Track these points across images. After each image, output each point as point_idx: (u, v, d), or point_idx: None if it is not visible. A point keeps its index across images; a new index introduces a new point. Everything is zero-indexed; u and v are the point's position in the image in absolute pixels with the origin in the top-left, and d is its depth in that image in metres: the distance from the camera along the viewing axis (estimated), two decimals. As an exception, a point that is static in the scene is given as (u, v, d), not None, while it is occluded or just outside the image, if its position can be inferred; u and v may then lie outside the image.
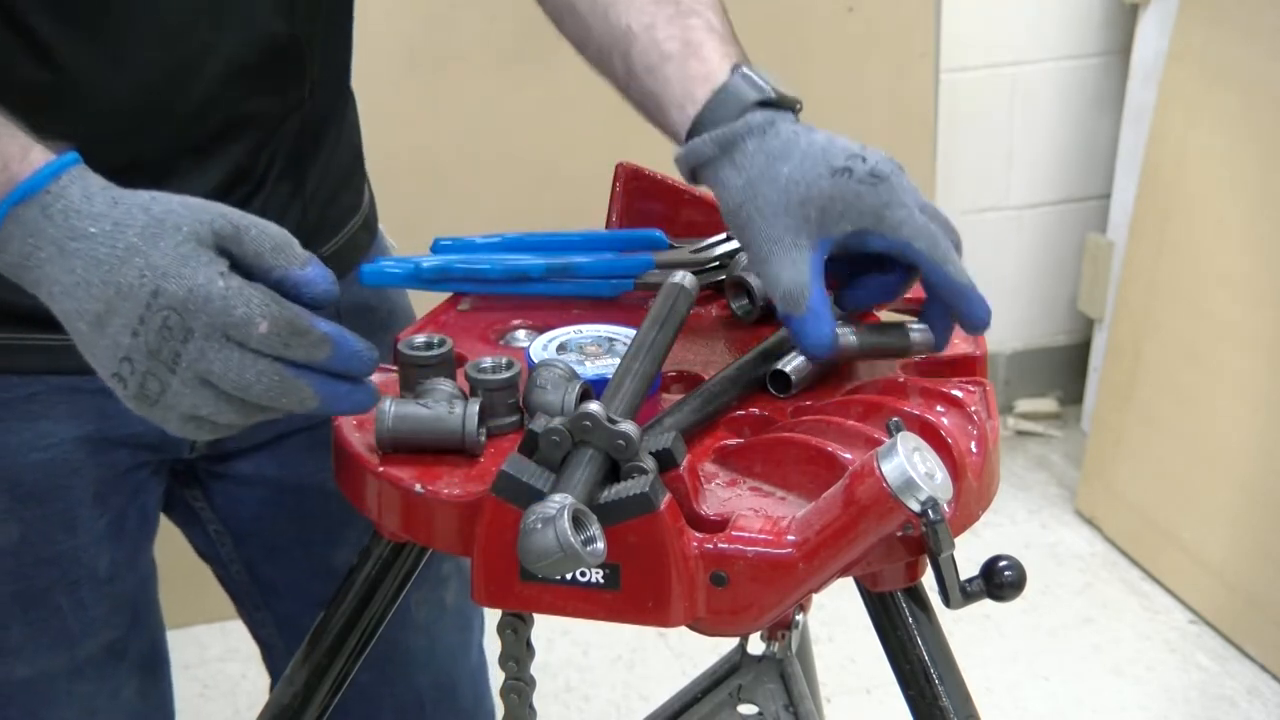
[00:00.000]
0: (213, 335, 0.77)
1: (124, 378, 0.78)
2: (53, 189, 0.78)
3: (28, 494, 1.05)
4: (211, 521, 1.23)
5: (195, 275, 0.77)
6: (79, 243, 0.78)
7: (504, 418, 0.91)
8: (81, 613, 1.10)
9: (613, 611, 0.81)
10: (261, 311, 0.77)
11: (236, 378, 0.78)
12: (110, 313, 0.77)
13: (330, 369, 0.80)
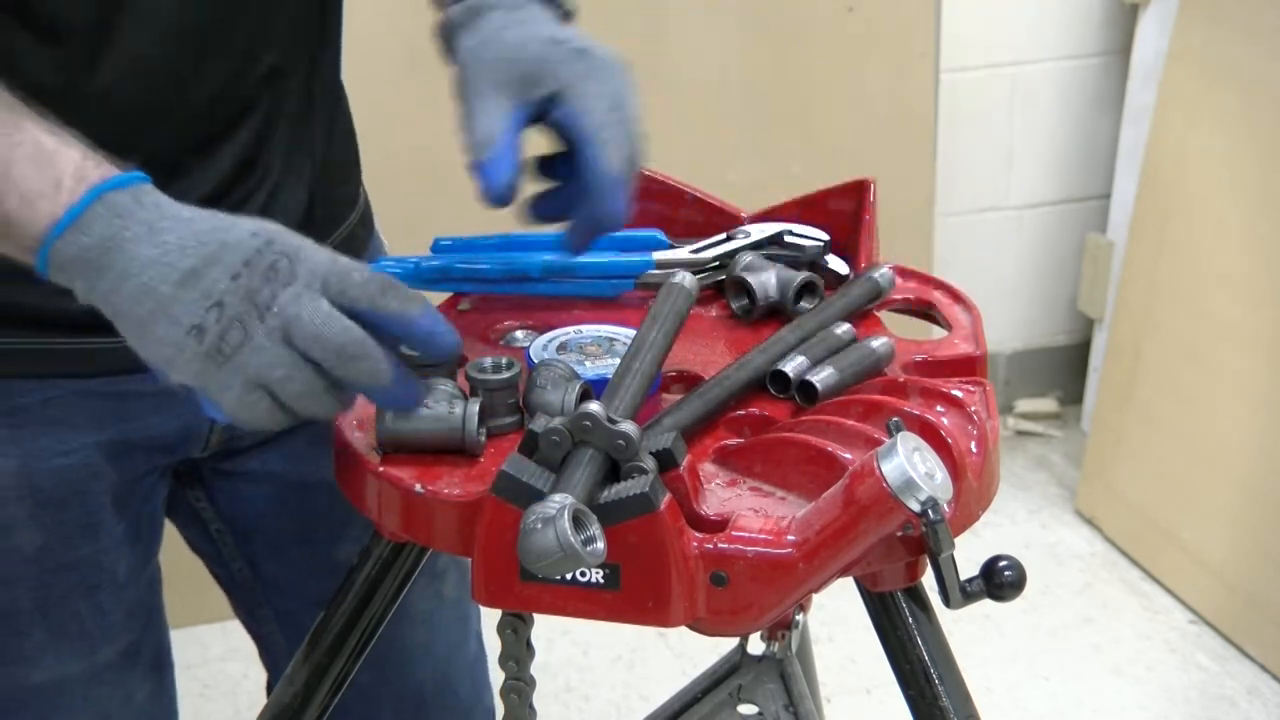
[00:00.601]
0: (313, 283, 0.79)
1: (205, 328, 0.78)
2: (145, 186, 0.82)
3: (48, 500, 1.05)
4: (213, 521, 1.23)
5: (305, 240, 0.82)
6: (173, 222, 0.80)
7: (504, 418, 0.91)
8: (101, 618, 1.10)
9: (613, 611, 0.81)
10: (361, 268, 0.81)
11: (322, 324, 0.79)
12: (209, 263, 0.79)
13: (415, 332, 0.82)
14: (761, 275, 1.06)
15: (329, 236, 1.15)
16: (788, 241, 1.10)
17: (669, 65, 2.46)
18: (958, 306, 1.08)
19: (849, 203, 1.13)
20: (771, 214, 1.15)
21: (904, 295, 1.09)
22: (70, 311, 1.00)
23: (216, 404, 0.81)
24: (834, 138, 2.59)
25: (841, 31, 2.55)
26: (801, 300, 1.05)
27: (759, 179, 2.56)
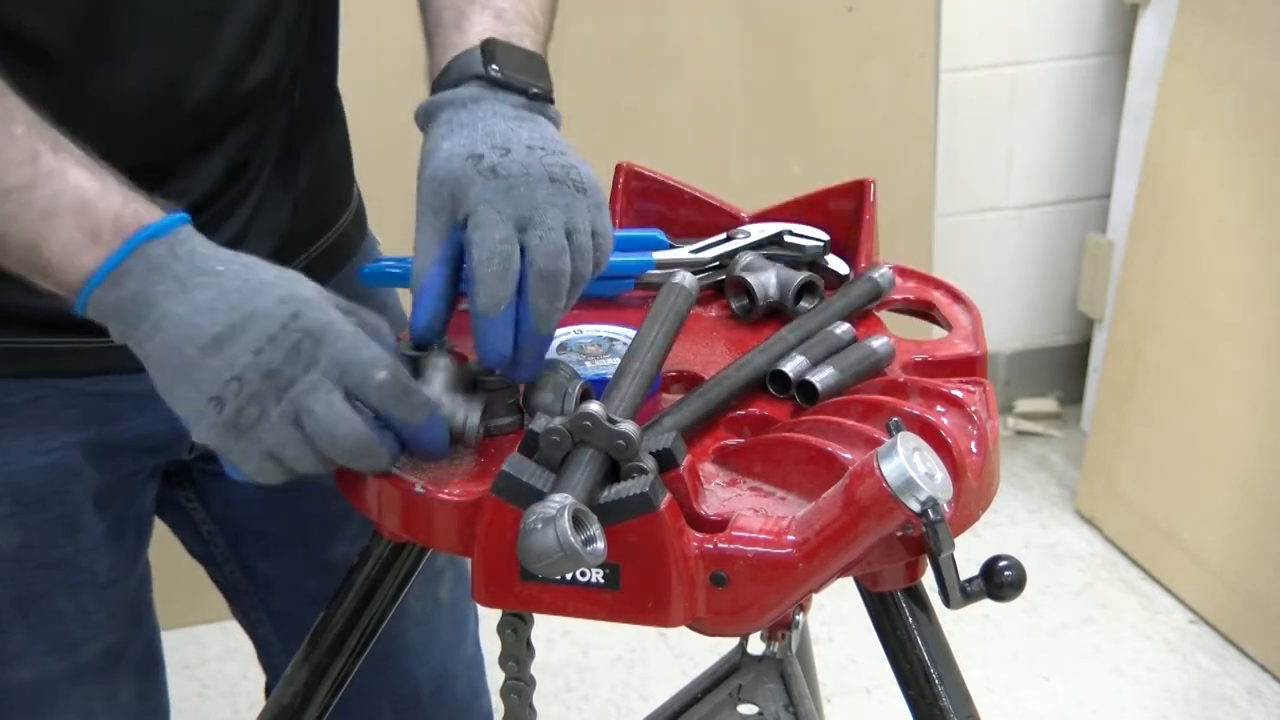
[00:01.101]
0: (331, 372, 0.80)
1: (224, 401, 0.80)
2: (179, 234, 0.82)
3: (30, 499, 1.05)
4: (204, 521, 1.23)
5: (331, 312, 0.81)
6: (205, 278, 0.81)
7: (504, 418, 0.91)
8: (83, 617, 1.10)
9: (613, 611, 0.81)
10: (383, 361, 0.81)
11: (331, 426, 0.80)
12: (234, 333, 0.79)
13: (411, 436, 0.84)
14: (761, 275, 1.06)
15: (319, 238, 1.15)
16: (788, 241, 1.10)
17: (669, 65, 2.46)
18: (958, 306, 1.08)
19: (849, 203, 1.13)
20: (771, 214, 1.15)
21: (904, 295, 1.09)
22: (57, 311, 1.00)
23: (234, 467, 0.83)
24: (834, 138, 2.59)
25: (841, 31, 2.55)
26: (801, 300, 1.05)
27: (759, 179, 2.56)
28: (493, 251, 0.84)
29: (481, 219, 0.85)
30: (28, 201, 0.81)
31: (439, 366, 0.88)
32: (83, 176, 0.82)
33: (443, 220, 0.87)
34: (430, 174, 0.88)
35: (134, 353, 0.83)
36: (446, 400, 0.87)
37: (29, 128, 0.83)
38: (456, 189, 0.87)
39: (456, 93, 0.92)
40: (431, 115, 0.93)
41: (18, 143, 0.82)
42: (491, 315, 0.84)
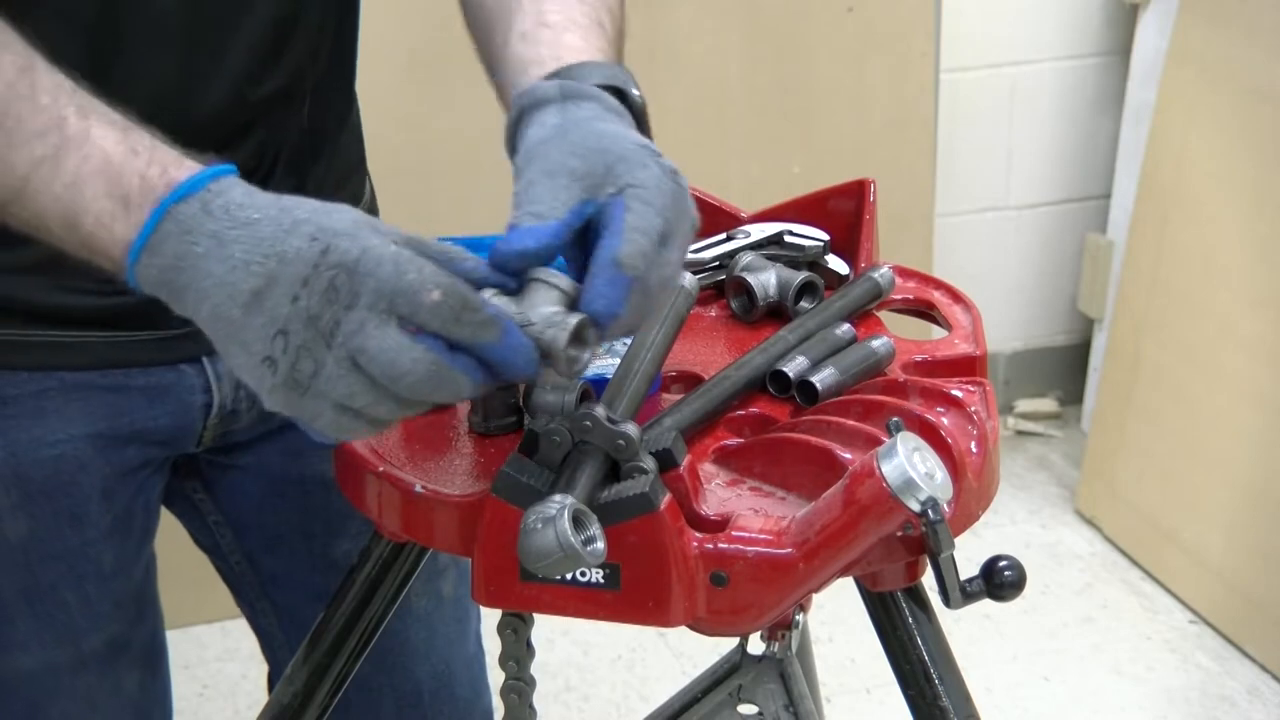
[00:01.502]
0: (378, 305, 0.72)
1: (275, 359, 0.73)
2: (213, 188, 0.76)
3: (36, 490, 1.05)
4: (212, 513, 1.23)
5: (369, 239, 0.73)
6: (241, 230, 0.74)
7: (504, 418, 0.91)
8: (87, 608, 1.10)
9: (613, 611, 0.81)
10: (434, 280, 0.73)
11: (391, 363, 0.73)
12: (270, 284, 0.73)
13: (490, 355, 0.75)
14: (761, 275, 1.06)
15: None
16: (788, 241, 1.10)
17: (669, 65, 2.46)
18: (958, 306, 1.08)
19: (849, 203, 1.13)
20: (771, 214, 1.15)
21: (904, 295, 1.09)
22: (66, 305, 1.00)
23: (313, 430, 0.76)
24: (834, 138, 2.59)
25: (841, 31, 2.55)
26: (801, 300, 1.05)
27: (759, 179, 2.56)
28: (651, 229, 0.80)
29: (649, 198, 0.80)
30: (56, 172, 0.78)
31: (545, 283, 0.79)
32: (109, 137, 0.78)
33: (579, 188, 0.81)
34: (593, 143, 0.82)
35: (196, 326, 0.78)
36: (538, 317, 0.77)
37: (55, 96, 0.79)
38: (620, 166, 0.81)
39: (603, 94, 0.87)
40: (572, 98, 0.86)
41: (43, 112, 0.79)
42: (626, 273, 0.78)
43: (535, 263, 0.78)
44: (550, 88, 0.86)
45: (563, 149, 0.82)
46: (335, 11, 1.09)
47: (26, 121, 0.78)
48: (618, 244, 0.78)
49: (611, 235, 0.79)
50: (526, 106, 0.86)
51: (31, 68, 0.80)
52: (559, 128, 0.83)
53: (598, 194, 0.81)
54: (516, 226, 0.79)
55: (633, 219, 0.79)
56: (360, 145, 1.22)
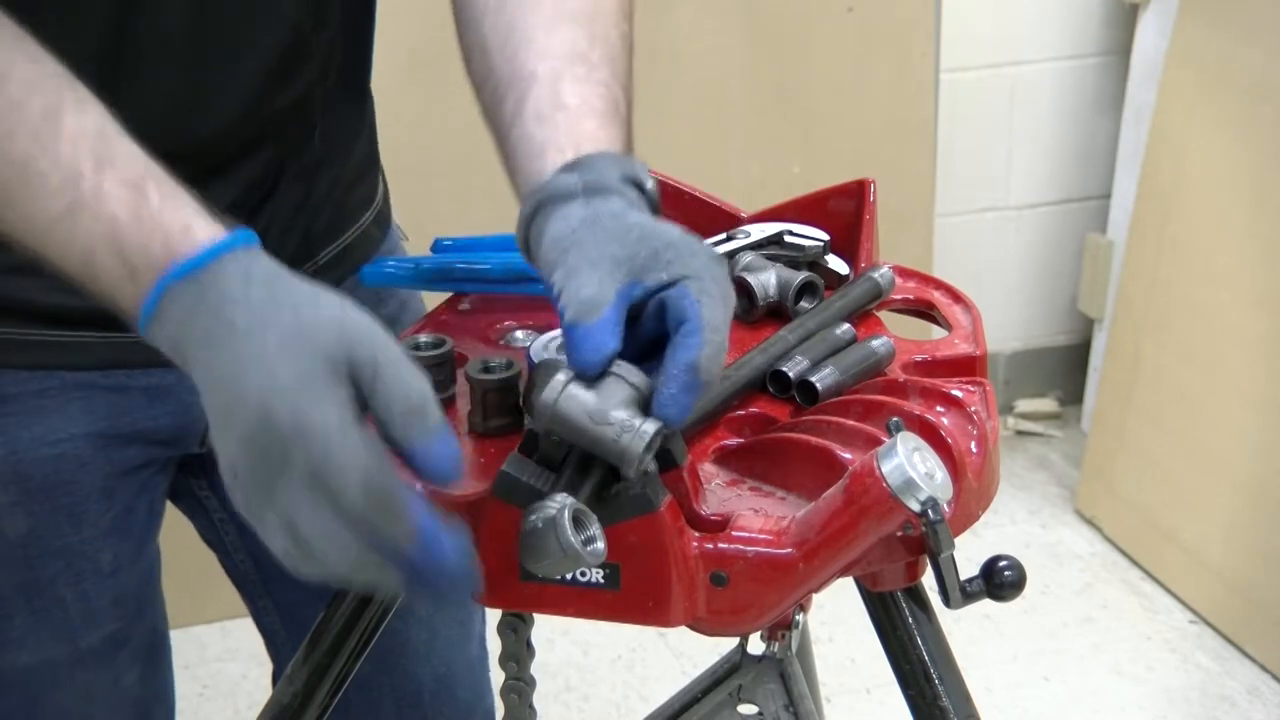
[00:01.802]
0: (305, 480, 0.70)
1: (235, 488, 0.74)
2: (211, 269, 0.75)
3: (36, 488, 1.06)
4: (216, 510, 1.24)
5: (310, 407, 0.70)
6: (224, 332, 0.73)
7: (504, 418, 0.91)
8: (84, 605, 1.11)
9: (613, 611, 0.81)
10: (359, 473, 0.70)
11: (316, 545, 0.71)
12: (229, 416, 0.73)
13: (404, 564, 0.72)
14: (761, 275, 1.06)
15: (338, 238, 1.15)
16: (788, 241, 1.10)
17: (669, 65, 2.46)
18: (958, 306, 1.08)
19: (849, 203, 1.13)
20: (771, 214, 1.15)
21: (904, 295, 1.09)
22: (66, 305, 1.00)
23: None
24: (834, 138, 2.59)
25: (841, 31, 2.55)
26: (801, 300, 1.05)
27: (759, 179, 2.56)
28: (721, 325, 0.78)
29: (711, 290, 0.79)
30: (72, 234, 0.78)
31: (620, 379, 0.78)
32: (120, 200, 0.77)
33: (625, 273, 0.79)
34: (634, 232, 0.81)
35: None
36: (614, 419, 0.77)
37: (76, 144, 0.78)
38: (668, 253, 0.80)
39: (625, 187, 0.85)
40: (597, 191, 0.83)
41: (62, 167, 0.78)
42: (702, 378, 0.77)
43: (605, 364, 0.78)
44: (571, 181, 0.84)
45: (598, 238, 0.80)
46: (348, 23, 1.09)
47: (47, 176, 0.78)
48: (698, 345, 0.77)
49: (689, 334, 0.77)
50: (545, 200, 0.84)
51: (58, 111, 0.79)
52: (588, 220, 0.82)
53: (645, 277, 0.79)
54: (575, 325, 0.78)
55: (707, 315, 0.78)
56: (374, 145, 1.21)
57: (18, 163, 0.78)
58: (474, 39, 0.98)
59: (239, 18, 0.98)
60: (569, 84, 0.91)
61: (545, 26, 0.94)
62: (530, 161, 0.89)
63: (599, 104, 0.91)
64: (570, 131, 0.88)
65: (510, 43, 0.94)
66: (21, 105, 0.79)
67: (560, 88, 0.91)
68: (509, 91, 0.93)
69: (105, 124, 0.80)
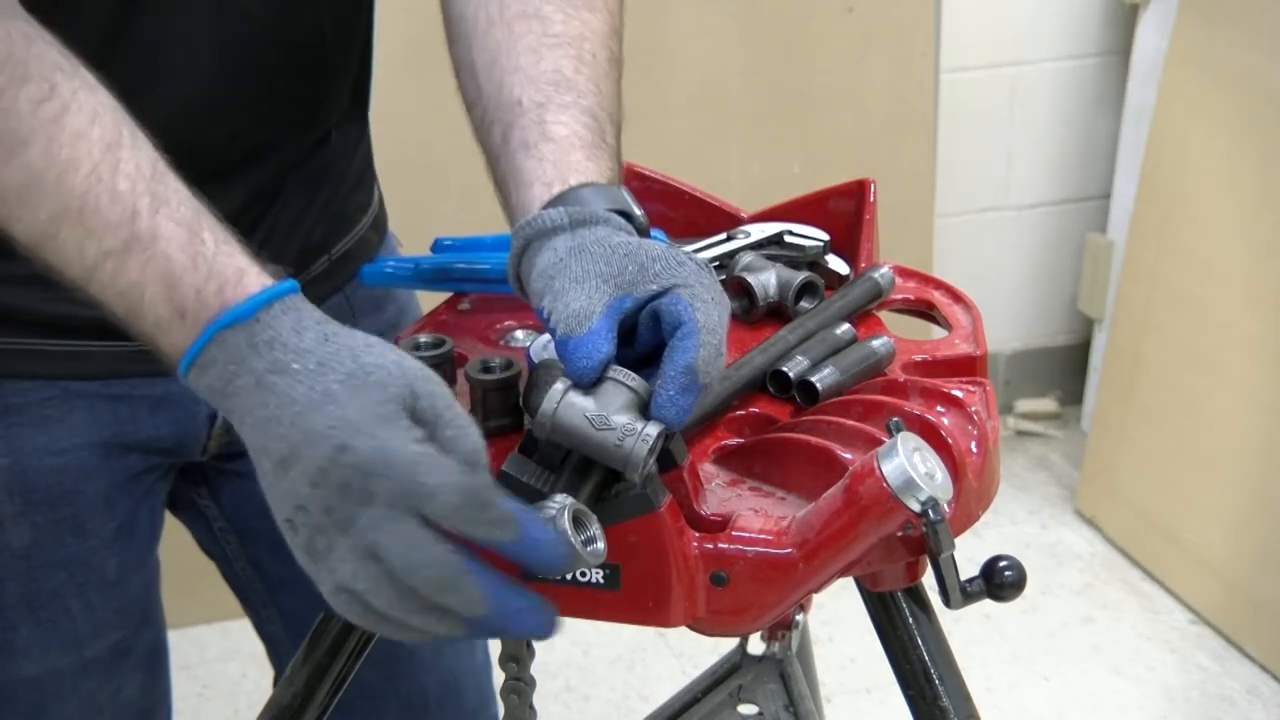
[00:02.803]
0: (395, 504, 0.71)
1: (296, 526, 0.74)
2: (262, 318, 0.75)
3: (39, 498, 1.05)
4: (217, 519, 1.24)
5: (389, 438, 0.71)
6: (278, 377, 0.74)
7: (504, 418, 0.91)
8: (90, 615, 1.10)
9: (613, 611, 0.81)
10: (452, 480, 0.71)
11: (405, 556, 0.71)
12: (294, 457, 0.73)
13: (512, 554, 0.74)
14: (761, 275, 1.06)
15: (336, 244, 1.15)
16: (788, 241, 1.10)
17: (669, 65, 2.46)
18: (958, 306, 1.08)
19: (849, 203, 1.13)
20: (771, 214, 1.15)
21: (904, 295, 1.09)
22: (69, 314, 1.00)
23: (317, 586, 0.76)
24: (834, 138, 2.59)
25: (841, 31, 2.55)
26: (801, 300, 1.05)
27: (759, 179, 2.56)
28: (716, 328, 0.80)
29: (703, 295, 0.80)
30: (123, 269, 0.77)
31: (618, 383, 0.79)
32: (176, 241, 0.77)
33: (612, 287, 0.81)
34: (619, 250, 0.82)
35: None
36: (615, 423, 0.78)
37: (134, 182, 0.79)
38: (655, 266, 0.81)
39: (611, 216, 0.86)
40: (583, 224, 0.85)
41: (119, 201, 0.78)
42: (706, 376, 0.78)
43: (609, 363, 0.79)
44: (558, 216, 0.85)
45: (584, 261, 0.81)
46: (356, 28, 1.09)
47: (103, 210, 0.78)
48: (694, 347, 0.78)
49: (685, 337, 0.78)
50: (533, 236, 0.85)
51: (117, 144, 0.79)
52: (574, 248, 0.82)
53: (634, 290, 0.80)
54: (567, 339, 0.78)
55: (702, 317, 0.79)
56: (369, 153, 1.22)
57: (78, 194, 0.78)
58: (463, 57, 0.98)
59: (255, 22, 0.98)
60: (555, 112, 0.91)
61: (531, 51, 0.94)
62: (519, 193, 0.89)
63: (585, 134, 0.91)
64: (557, 164, 0.89)
65: (497, 67, 0.95)
66: (84, 135, 0.79)
67: (546, 117, 0.91)
68: (496, 120, 0.93)
69: (158, 160, 0.80)
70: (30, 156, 0.77)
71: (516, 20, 0.95)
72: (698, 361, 0.78)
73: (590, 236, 0.83)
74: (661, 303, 0.80)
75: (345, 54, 1.09)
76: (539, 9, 0.95)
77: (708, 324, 0.79)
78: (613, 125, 0.94)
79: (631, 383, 0.78)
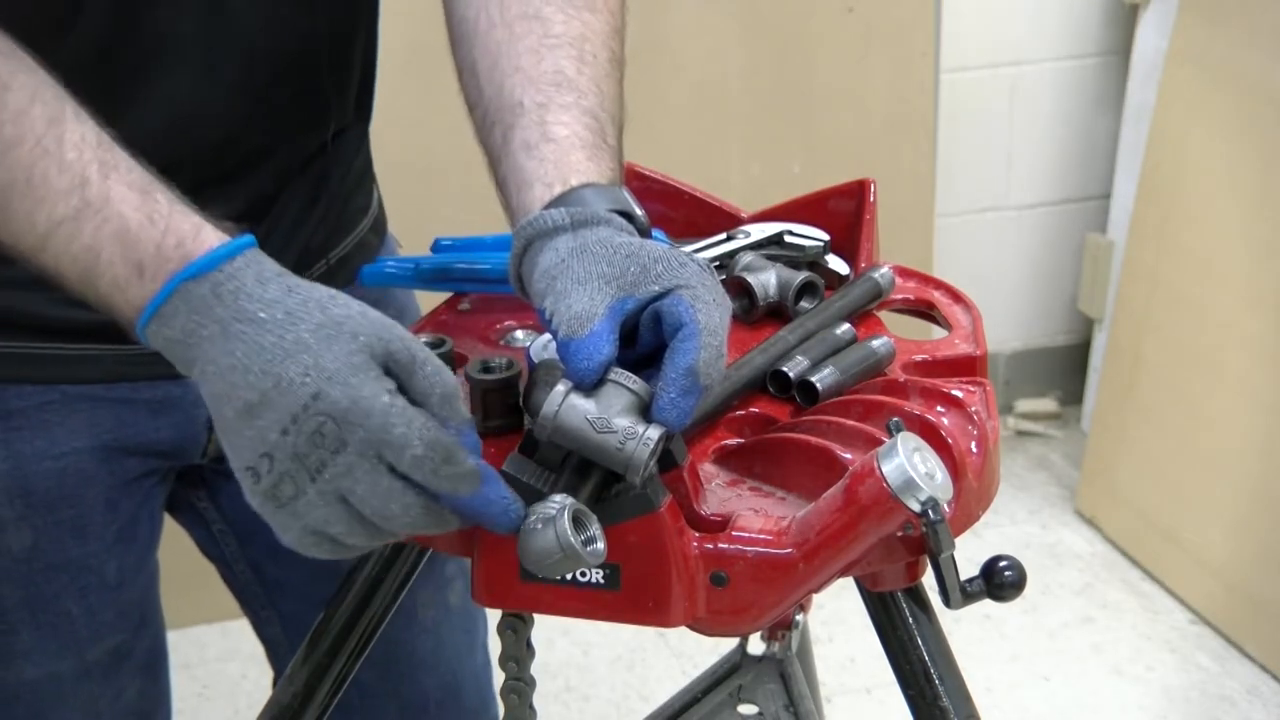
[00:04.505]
0: (366, 453, 0.73)
1: (259, 474, 0.75)
2: (226, 269, 0.76)
3: (40, 502, 1.05)
4: (216, 521, 1.23)
5: (362, 386, 0.73)
6: (245, 326, 0.75)
7: (504, 418, 0.91)
8: (90, 618, 1.10)
9: (613, 611, 0.81)
10: (420, 434, 0.73)
11: (380, 505, 0.74)
12: (263, 404, 0.74)
13: (467, 509, 0.76)
14: (761, 275, 1.06)
15: (336, 247, 1.15)
16: (788, 241, 1.10)
17: (669, 65, 2.46)
18: (958, 306, 1.08)
19: (849, 203, 1.13)
20: (771, 214, 1.15)
21: (904, 295, 1.09)
22: (69, 318, 1.00)
23: (279, 536, 0.77)
24: (834, 138, 2.59)
25: (841, 31, 2.55)
26: (801, 300, 1.05)
27: (759, 179, 2.56)
28: (715, 325, 0.80)
29: (704, 296, 0.80)
30: (76, 233, 0.78)
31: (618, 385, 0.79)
32: (129, 201, 0.78)
33: (614, 288, 0.81)
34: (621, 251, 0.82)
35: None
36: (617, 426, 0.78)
37: (80, 150, 0.80)
38: (657, 267, 0.81)
39: (613, 216, 0.86)
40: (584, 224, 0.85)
41: (68, 170, 0.79)
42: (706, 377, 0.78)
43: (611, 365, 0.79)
44: (559, 216, 0.85)
45: (586, 262, 0.82)
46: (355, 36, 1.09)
47: (51, 180, 0.79)
48: (695, 349, 0.78)
49: (686, 339, 0.79)
50: (534, 237, 0.85)
51: (60, 118, 0.80)
52: (576, 249, 0.83)
53: (636, 291, 0.81)
54: (569, 341, 0.79)
55: (703, 319, 0.79)
56: (369, 155, 1.22)
57: (24, 166, 0.79)
58: (464, 59, 0.99)
59: (253, 21, 0.98)
60: (556, 113, 0.91)
61: (532, 52, 0.94)
62: (520, 194, 0.90)
63: (586, 134, 0.91)
64: (558, 164, 0.89)
65: (499, 69, 0.95)
66: (26, 113, 0.80)
67: (547, 118, 0.91)
68: (497, 121, 0.94)
69: (102, 134, 0.81)
70: None
71: (517, 21, 0.95)
72: (699, 364, 0.78)
73: (592, 237, 0.83)
74: (663, 304, 0.81)
75: (342, 61, 1.08)
76: (539, 10, 0.95)
77: (709, 325, 0.79)
78: (614, 126, 0.94)
79: (633, 385, 0.78)
